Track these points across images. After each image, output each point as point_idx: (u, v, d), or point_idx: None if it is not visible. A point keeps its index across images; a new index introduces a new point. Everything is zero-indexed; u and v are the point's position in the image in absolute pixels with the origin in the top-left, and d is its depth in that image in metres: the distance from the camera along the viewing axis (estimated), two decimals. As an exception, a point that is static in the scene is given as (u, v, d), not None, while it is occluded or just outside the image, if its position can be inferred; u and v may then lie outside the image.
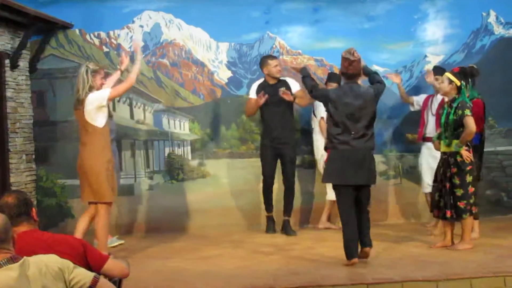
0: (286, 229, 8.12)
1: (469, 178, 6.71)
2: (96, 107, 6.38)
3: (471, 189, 6.72)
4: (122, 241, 7.88)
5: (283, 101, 8.01)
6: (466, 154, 6.67)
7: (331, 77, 8.13)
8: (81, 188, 6.71)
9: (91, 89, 6.41)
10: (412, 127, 8.53)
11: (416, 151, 8.45)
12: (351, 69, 6.33)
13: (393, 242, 7.34)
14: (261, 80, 8.24)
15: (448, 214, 6.75)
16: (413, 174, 8.73)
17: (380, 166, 8.86)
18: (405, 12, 8.96)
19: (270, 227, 8.25)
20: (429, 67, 8.56)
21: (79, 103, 6.44)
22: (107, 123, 6.53)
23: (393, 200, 8.84)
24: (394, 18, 8.94)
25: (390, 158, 8.92)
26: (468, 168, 6.69)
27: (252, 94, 8.20)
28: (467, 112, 6.60)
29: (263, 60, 8.21)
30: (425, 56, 9.04)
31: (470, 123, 6.58)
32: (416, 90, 8.51)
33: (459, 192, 6.71)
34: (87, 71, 6.42)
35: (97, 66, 6.65)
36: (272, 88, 8.08)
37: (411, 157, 8.75)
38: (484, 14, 9.09)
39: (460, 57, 8.99)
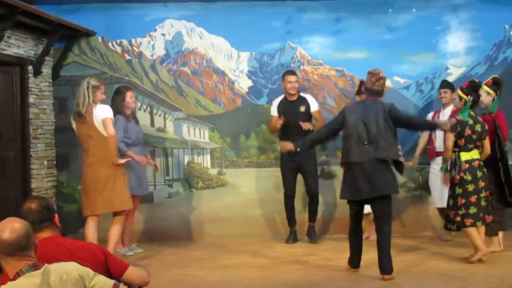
0: (311, 235, 8.22)
1: (458, 190, 6.77)
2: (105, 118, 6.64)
3: (460, 201, 6.76)
4: (140, 249, 7.89)
5: (302, 115, 8.06)
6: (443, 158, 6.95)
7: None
8: (90, 201, 6.75)
9: (94, 102, 6.68)
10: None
11: (436, 163, 8.41)
12: (378, 85, 6.33)
13: (413, 255, 7.29)
14: (281, 97, 8.28)
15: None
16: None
17: (399, 178, 8.79)
18: (427, 23, 8.93)
19: (291, 238, 8.28)
20: (451, 79, 8.53)
21: (80, 116, 6.69)
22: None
23: (413, 213, 8.79)
24: (416, 29, 8.91)
25: (410, 171, 8.85)
26: (455, 181, 6.77)
27: (273, 112, 8.24)
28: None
29: (283, 74, 8.28)
30: (447, 68, 8.99)
31: (446, 139, 6.85)
32: (438, 102, 8.44)
33: (450, 202, 6.88)
34: (88, 87, 6.70)
35: (98, 82, 6.88)
36: (291, 105, 8.15)
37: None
38: (506, 26, 9.01)
39: (482, 69, 8.94)
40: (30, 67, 8.14)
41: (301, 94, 8.28)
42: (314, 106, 8.22)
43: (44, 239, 3.50)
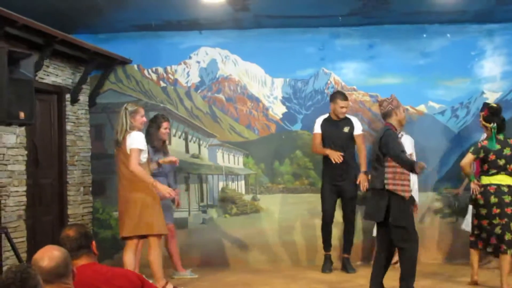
0: (346, 267, 8.03)
1: (473, 210, 7.00)
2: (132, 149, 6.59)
3: (475, 221, 6.93)
4: (195, 275, 7.90)
5: (346, 137, 8.02)
6: (472, 187, 6.92)
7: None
8: (124, 223, 6.76)
9: (132, 128, 6.63)
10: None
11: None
12: (380, 109, 6.57)
13: (450, 283, 7.17)
14: (325, 116, 8.19)
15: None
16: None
17: (435, 204, 8.79)
18: (462, 48, 8.87)
19: (327, 266, 8.06)
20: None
21: (117, 143, 6.68)
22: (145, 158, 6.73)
23: (449, 239, 8.67)
24: (450, 54, 8.86)
25: (446, 196, 8.77)
26: (473, 203, 6.95)
27: (317, 130, 8.15)
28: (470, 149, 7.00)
29: (334, 95, 8.16)
30: (483, 92, 8.90)
31: (465, 157, 6.93)
32: (473, 127, 8.37)
33: None
34: (125, 114, 6.68)
35: (135, 106, 6.87)
36: (334, 124, 8.09)
37: (467, 195, 8.58)
38: (542, 50, 8.92)
39: (519, 94, 8.85)
40: (67, 95, 8.28)
41: (347, 115, 8.18)
42: (358, 129, 8.13)
43: (81, 266, 3.53)
